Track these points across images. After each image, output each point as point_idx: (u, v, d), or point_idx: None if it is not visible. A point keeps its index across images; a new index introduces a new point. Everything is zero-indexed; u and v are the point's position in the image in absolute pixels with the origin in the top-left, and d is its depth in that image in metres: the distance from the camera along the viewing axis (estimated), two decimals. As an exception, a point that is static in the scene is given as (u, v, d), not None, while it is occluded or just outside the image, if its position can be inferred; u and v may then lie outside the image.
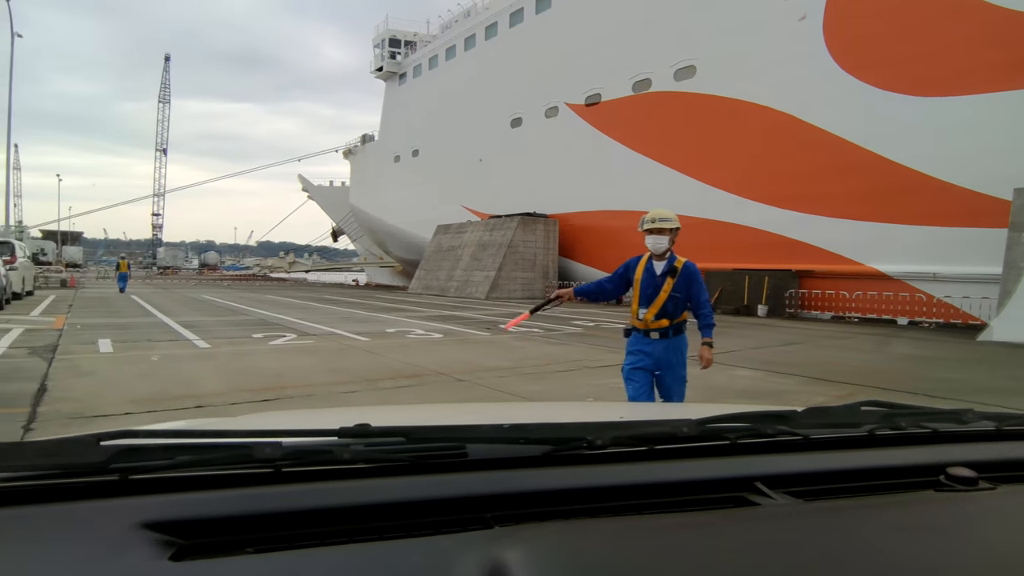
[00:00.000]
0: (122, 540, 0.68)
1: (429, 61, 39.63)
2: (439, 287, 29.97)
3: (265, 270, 54.94)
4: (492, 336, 12.16)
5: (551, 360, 9.04)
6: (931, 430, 1.14)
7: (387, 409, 3.29)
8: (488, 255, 28.32)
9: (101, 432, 0.84)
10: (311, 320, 14.35)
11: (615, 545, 0.73)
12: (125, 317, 14.36)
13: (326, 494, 0.81)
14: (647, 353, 4.07)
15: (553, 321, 15.52)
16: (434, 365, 8.24)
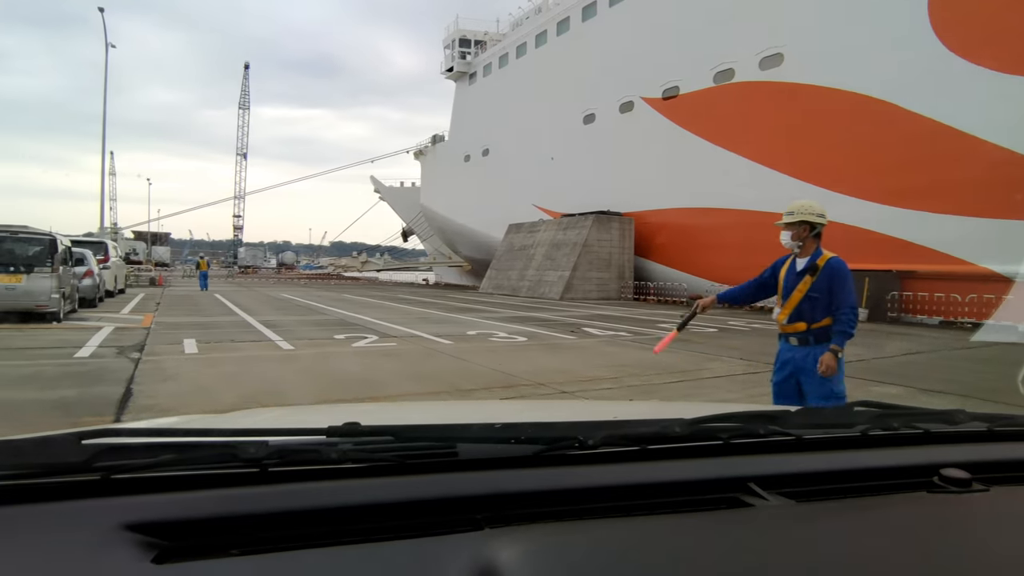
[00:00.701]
0: (103, 541, 0.66)
1: (499, 60, 39.19)
2: (510, 287, 29.41)
3: (339, 269, 55.94)
4: (579, 340, 11.41)
5: (653, 369, 8.21)
6: (923, 431, 1.12)
7: (376, 407, 3.14)
8: (562, 255, 27.54)
9: (82, 430, 0.82)
10: (389, 320, 13.98)
11: (607, 546, 0.71)
12: (209, 316, 14.39)
13: (313, 494, 0.78)
14: (786, 361, 3.70)
15: (637, 324, 14.62)
16: (527, 374, 7.56)
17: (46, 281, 11.15)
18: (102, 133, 30.15)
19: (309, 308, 17.47)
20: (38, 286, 11.08)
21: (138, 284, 28.67)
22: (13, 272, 10.97)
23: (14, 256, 11.13)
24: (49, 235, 11.41)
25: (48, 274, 11.18)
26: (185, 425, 1.14)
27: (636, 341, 11.38)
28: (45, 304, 11.13)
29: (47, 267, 11.19)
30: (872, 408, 1.23)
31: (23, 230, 11.31)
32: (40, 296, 11.09)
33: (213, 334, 10.70)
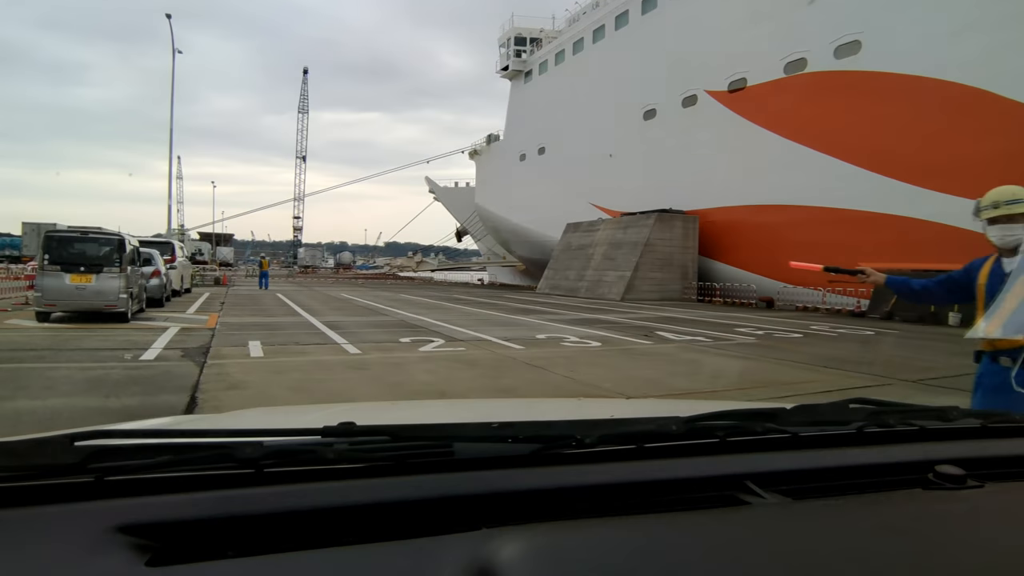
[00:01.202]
0: (97, 544, 0.65)
1: (555, 57, 38.45)
2: (568, 287, 28.63)
3: (394, 269, 56.29)
4: (656, 345, 10.60)
5: (749, 381, 7.36)
6: (918, 427, 1.13)
7: (372, 407, 3.17)
8: (622, 254, 26.61)
9: (75, 431, 0.81)
10: (452, 322, 13.46)
11: (605, 546, 0.70)
12: (273, 316, 14.17)
13: (309, 495, 0.78)
14: (996, 387, 2.87)
15: (712, 327, 13.67)
16: (614, 385, 6.84)
17: (114, 281, 11.05)
18: (169, 138, 30.91)
19: (369, 309, 17.15)
20: (107, 286, 10.98)
21: (203, 283, 29.17)
22: (83, 272, 10.91)
23: (84, 256, 11.07)
24: (117, 235, 11.33)
25: (116, 274, 11.08)
26: (179, 426, 1.11)
27: (718, 347, 10.50)
28: (113, 304, 11.03)
29: (115, 267, 11.09)
30: (867, 405, 1.21)
31: (92, 231, 11.27)
32: (109, 296, 10.99)
33: (278, 336, 10.36)
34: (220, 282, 30.55)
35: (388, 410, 2.31)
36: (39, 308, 10.85)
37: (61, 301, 10.85)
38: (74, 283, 10.81)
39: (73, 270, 10.84)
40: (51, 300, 10.79)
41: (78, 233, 11.12)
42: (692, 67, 27.66)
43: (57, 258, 10.86)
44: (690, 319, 16.06)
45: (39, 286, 10.81)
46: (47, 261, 10.80)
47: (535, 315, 16.22)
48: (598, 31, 34.58)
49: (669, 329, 13.15)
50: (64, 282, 10.78)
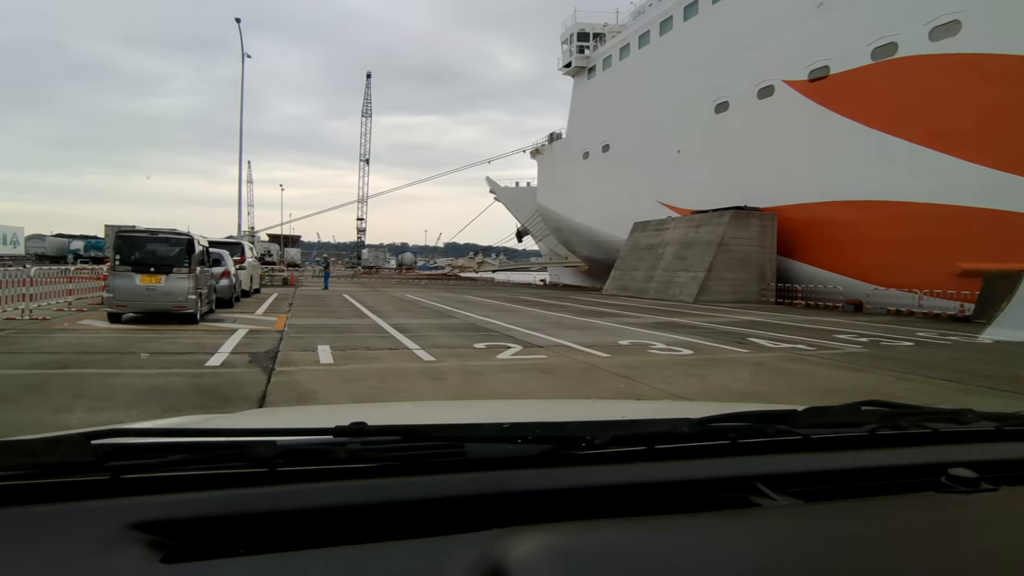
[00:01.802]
0: (112, 541, 0.66)
1: (620, 51, 37.18)
2: (636, 288, 27.43)
3: (455, 270, 56.09)
4: (753, 354, 9.49)
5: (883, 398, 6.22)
6: (932, 430, 1.10)
7: (383, 407, 3.07)
8: (694, 254, 25.25)
9: (92, 430, 0.81)
10: (524, 326, 12.66)
11: (616, 547, 0.70)
12: (341, 318, 13.71)
13: (321, 494, 0.77)
14: None
15: (806, 333, 12.38)
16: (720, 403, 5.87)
17: (184, 282, 10.75)
18: (239, 144, 31.44)
19: (436, 311, 16.56)
20: (176, 287, 10.70)
21: (272, 284, 29.42)
22: (153, 273, 10.65)
23: (154, 257, 10.82)
24: (186, 236, 11.05)
25: (186, 275, 10.78)
26: (194, 425, 1.13)
27: (825, 357, 9.30)
28: (183, 305, 10.73)
29: (184, 268, 10.79)
30: (880, 407, 1.18)
31: (162, 231, 11.02)
32: (178, 297, 10.70)
33: (347, 339, 9.79)
34: (288, 282, 30.78)
35: (399, 410, 2.27)
36: (110, 309, 10.66)
37: (131, 302, 10.63)
38: (144, 284, 10.57)
39: (143, 271, 10.60)
40: (122, 301, 10.58)
41: (148, 233, 10.90)
42: (768, 57, 26.04)
43: (128, 259, 10.65)
44: (778, 323, 14.75)
45: (110, 286, 10.62)
46: (118, 261, 10.60)
47: (609, 318, 15.25)
48: (665, 23, 33.18)
49: (760, 335, 11.96)
50: (134, 283, 10.55)
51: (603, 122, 37.86)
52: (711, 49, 29.37)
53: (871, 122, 22.12)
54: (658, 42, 33.62)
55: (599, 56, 39.18)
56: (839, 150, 22.85)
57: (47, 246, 51.90)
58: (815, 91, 24.48)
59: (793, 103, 25.07)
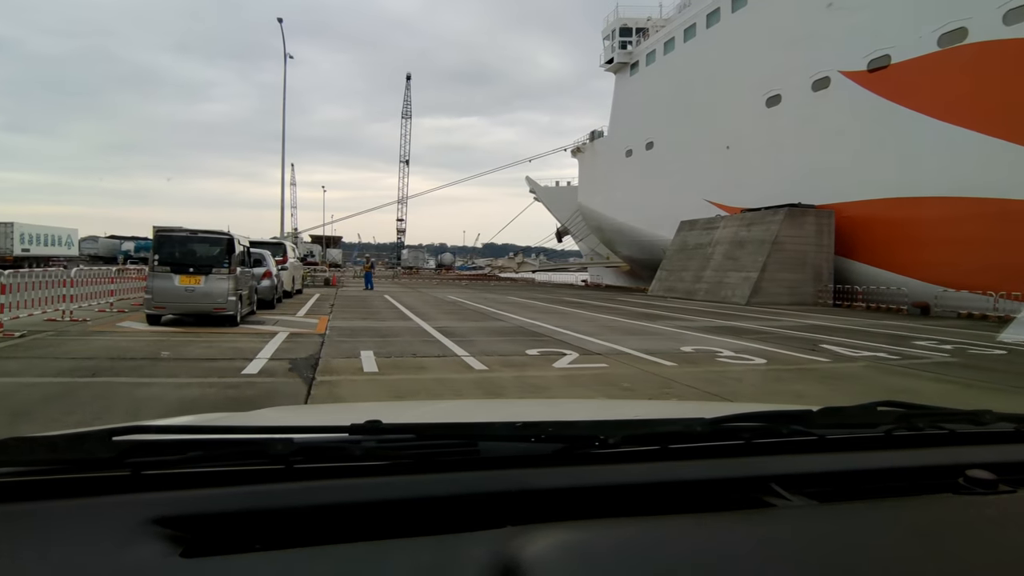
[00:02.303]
0: (133, 536, 0.66)
1: (664, 46, 35.97)
2: (684, 289, 26.31)
3: (495, 270, 55.51)
4: (834, 364, 8.51)
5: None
6: (949, 431, 1.08)
7: (398, 405, 3.00)
8: (746, 254, 24.02)
9: (113, 427, 0.82)
10: (576, 329, 11.86)
11: (629, 545, 0.69)
12: (384, 320, 13.11)
13: (337, 491, 0.78)
14: None
15: (881, 339, 11.26)
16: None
17: (223, 283, 10.27)
18: (282, 143, 31.41)
19: (481, 312, 15.87)
20: (216, 288, 10.22)
21: (314, 284, 29.23)
22: (192, 273, 10.20)
23: (193, 257, 10.38)
24: (226, 236, 10.57)
25: (225, 275, 10.31)
26: (212, 422, 1.07)
27: (915, 367, 8.28)
28: (223, 307, 10.26)
29: (224, 268, 10.31)
30: (896, 408, 1.15)
31: (201, 231, 10.57)
32: (217, 298, 10.23)
33: (391, 344, 9.15)
34: (330, 283, 30.57)
35: (413, 409, 2.35)
36: (149, 310, 10.24)
37: (170, 303, 10.20)
38: (183, 284, 10.13)
39: (182, 271, 10.16)
40: (160, 302, 10.15)
41: (187, 233, 10.46)
42: (823, 47, 24.66)
43: (167, 259, 10.22)
44: (845, 328, 13.61)
45: (149, 288, 10.21)
46: (157, 262, 10.18)
47: (663, 320, 14.32)
48: (712, 15, 31.86)
49: (832, 341, 10.92)
50: (173, 283, 10.11)
51: (647, 119, 36.70)
52: (761, 41, 28.05)
53: (938, 113, 20.64)
54: (705, 35, 32.33)
55: (642, 51, 38.01)
56: (902, 143, 21.41)
57: (100, 247, 53.09)
58: (875, 82, 23.03)
59: (851, 95, 23.65)
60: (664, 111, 34.96)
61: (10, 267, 15.75)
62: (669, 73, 35.14)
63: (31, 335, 8.73)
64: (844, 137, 23.43)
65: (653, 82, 36.77)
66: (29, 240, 40.12)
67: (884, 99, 22.63)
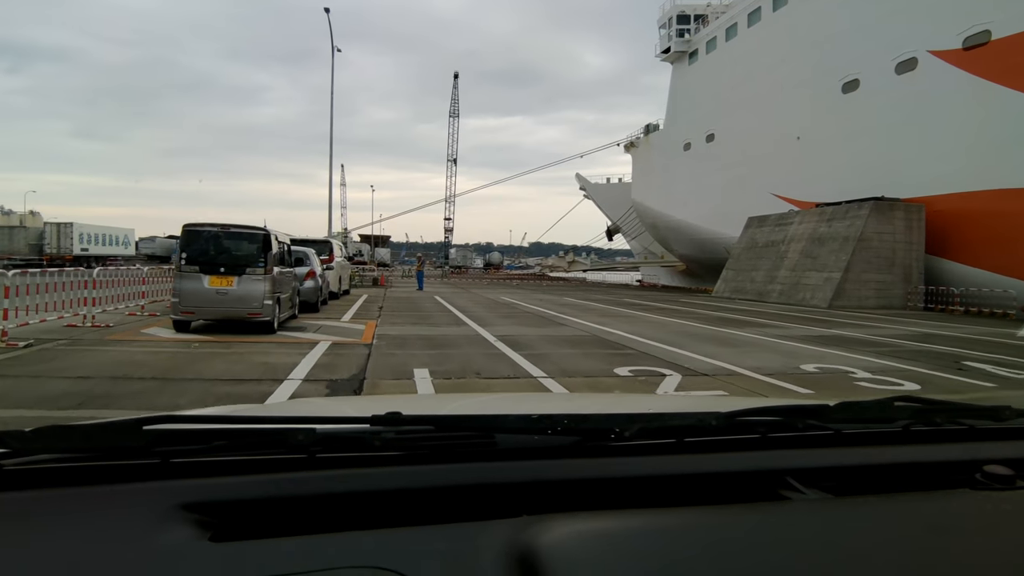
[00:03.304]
0: (164, 520, 0.67)
1: (726, 32, 33.56)
2: (755, 290, 24.07)
3: (545, 269, 53.77)
4: (1008, 391, 6.54)
5: None
6: (967, 426, 1.05)
7: (417, 398, 3.08)
8: (827, 252, 21.68)
9: (144, 416, 0.83)
10: (654, 338, 10.09)
11: (643, 536, 0.69)
12: (437, 326, 11.60)
13: (357, 480, 0.79)
14: None
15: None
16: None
17: (259, 284, 8.91)
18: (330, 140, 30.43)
19: (542, 317, 14.21)
20: (250, 290, 8.87)
21: (362, 284, 28.14)
22: (224, 274, 8.87)
23: (226, 255, 9.05)
24: (263, 231, 9.20)
25: (261, 276, 8.94)
26: (241, 413, 1.15)
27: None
28: (258, 311, 8.90)
29: (260, 268, 8.95)
30: (914, 403, 1.12)
31: (234, 225, 9.22)
32: (252, 302, 8.88)
33: (450, 359, 7.58)
34: (378, 283, 29.40)
35: (432, 401, 2.36)
36: (175, 316, 8.96)
37: (200, 308, 8.89)
38: (213, 287, 8.81)
39: (213, 271, 8.84)
40: (188, 307, 8.85)
41: (218, 229, 9.12)
42: (908, 25, 22.09)
43: (195, 258, 8.92)
44: (966, 338, 11.42)
45: (176, 290, 8.92)
46: (184, 261, 8.89)
47: (749, 327, 12.39)
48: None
49: (972, 356, 8.87)
50: (202, 285, 8.80)
51: (707, 110, 34.34)
52: (835, 23, 25.54)
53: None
54: (771, 18, 29.86)
55: (702, 39, 35.65)
56: (1005, 128, 18.79)
57: (157, 247, 53.68)
58: (972, 61, 20.39)
59: (943, 76, 21.04)
60: (726, 101, 32.58)
61: (69, 266, 14.96)
62: (731, 61, 32.74)
63: (39, 344, 7.50)
64: (935, 123, 20.87)
65: (714, 71, 34.39)
66: (88, 240, 40.47)
67: (983, 79, 20.01)
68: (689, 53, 36.72)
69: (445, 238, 63.48)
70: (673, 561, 0.65)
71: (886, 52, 23.33)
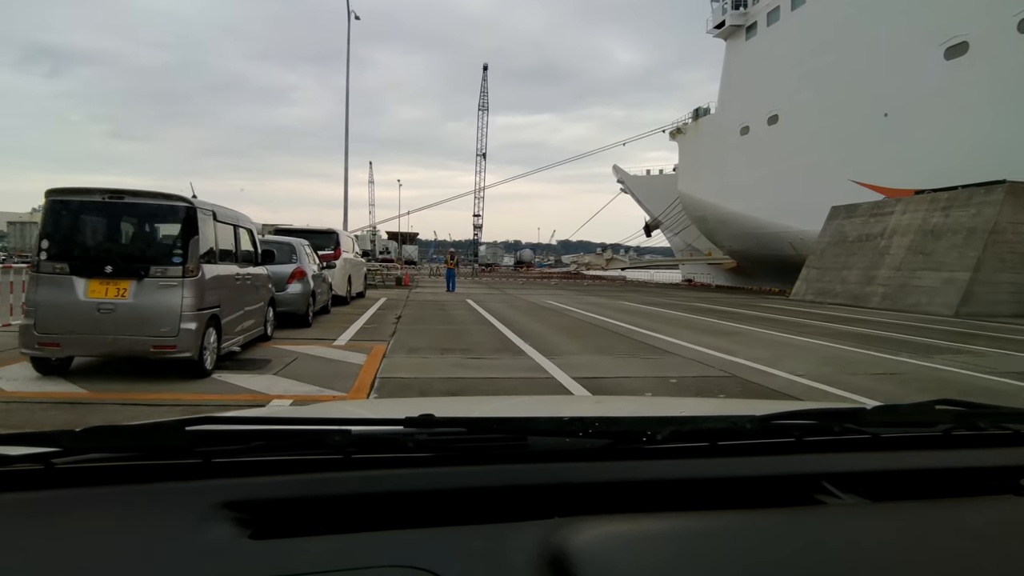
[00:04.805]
0: (206, 518, 0.67)
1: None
2: (847, 293, 19.61)
3: (581, 267, 49.49)
4: None
5: None
6: (1012, 431, 0.99)
7: (450, 400, 3.02)
8: (946, 247, 17.15)
9: (187, 417, 0.84)
10: (804, 372, 6.01)
11: (676, 539, 0.68)
12: (476, 353, 7.55)
13: (392, 481, 0.79)
14: None
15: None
16: None
17: (171, 295, 5.00)
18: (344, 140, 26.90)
19: (623, 336, 10.10)
20: (155, 304, 4.98)
21: (384, 284, 24.37)
22: (112, 276, 5.00)
23: (117, 245, 5.21)
24: (182, 202, 5.26)
25: (177, 280, 5.06)
26: (276, 415, 1.12)
27: None
28: (169, 343, 4.97)
29: (176, 265, 5.07)
30: (956, 407, 1.04)
31: (132, 193, 5.26)
32: (160, 325, 4.96)
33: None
34: (402, 282, 25.60)
35: (465, 404, 2.24)
36: (29, 349, 5.05)
37: (72, 335, 5.00)
38: (94, 299, 4.94)
39: (93, 273, 4.98)
40: (52, 333, 4.96)
41: (105, 196, 5.15)
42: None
43: (65, 249, 5.08)
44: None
45: (30, 303, 5.05)
46: (45, 256, 5.03)
47: (868, 344, 8.16)
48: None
49: None
50: (76, 296, 4.94)
51: (769, 89, 29.69)
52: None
53: None
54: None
55: (761, 9, 30.98)
56: None
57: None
58: None
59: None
60: (792, 78, 27.95)
61: None
62: (798, 32, 28.09)
63: None
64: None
65: (776, 44, 29.74)
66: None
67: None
68: (747, 27, 32.08)
69: (474, 235, 59.55)
70: (705, 564, 0.63)
71: (1005, 6, 18.75)
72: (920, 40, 21.32)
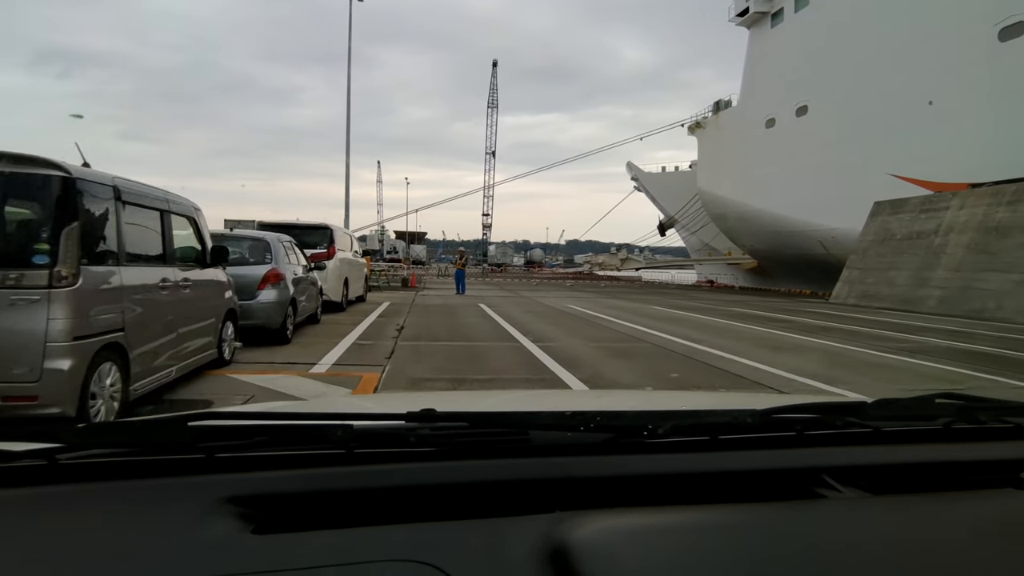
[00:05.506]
0: (209, 513, 0.67)
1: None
2: (896, 296, 17.58)
3: (594, 267, 47.50)
4: None
5: None
6: (1013, 425, 0.97)
7: (452, 395, 3.01)
8: (1015, 245, 15.08)
9: (190, 412, 0.83)
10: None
11: (677, 532, 0.67)
12: (501, 385, 5.65)
13: (394, 475, 0.78)
14: None
15: None
16: None
17: (26, 315, 3.13)
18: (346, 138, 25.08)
19: (667, 350, 8.19)
20: (0, 331, 3.15)
21: (389, 285, 22.52)
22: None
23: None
24: (54, 170, 3.37)
25: (37, 291, 3.18)
26: (283, 410, 1.13)
27: None
28: (27, 392, 3.12)
29: (36, 268, 3.22)
30: (956, 400, 1.03)
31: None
32: (11, 363, 3.09)
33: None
34: (408, 283, 23.76)
35: (466, 398, 2.29)
36: None
37: None
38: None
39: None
40: None
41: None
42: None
43: None
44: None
45: None
46: None
47: (962, 362, 6.22)
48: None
49: None
50: None
51: (796, 79, 27.62)
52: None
53: None
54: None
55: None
56: None
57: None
58: None
59: None
60: (822, 66, 25.91)
61: None
62: (829, 17, 26.01)
63: None
64: None
65: (805, 31, 27.67)
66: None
67: None
68: (772, 13, 29.99)
69: (483, 234, 57.76)
70: (706, 558, 0.63)
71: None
72: (971, 19, 19.27)
